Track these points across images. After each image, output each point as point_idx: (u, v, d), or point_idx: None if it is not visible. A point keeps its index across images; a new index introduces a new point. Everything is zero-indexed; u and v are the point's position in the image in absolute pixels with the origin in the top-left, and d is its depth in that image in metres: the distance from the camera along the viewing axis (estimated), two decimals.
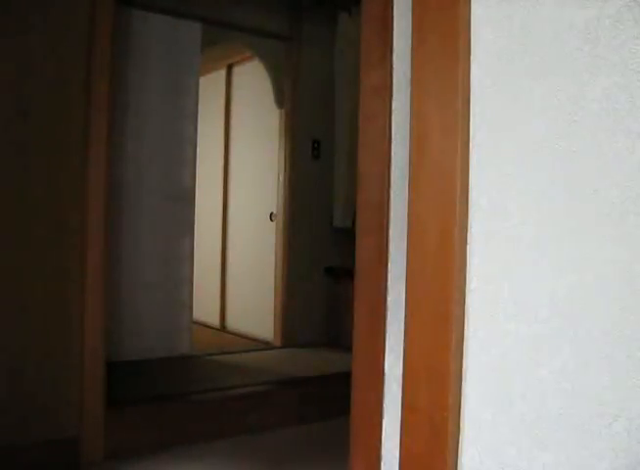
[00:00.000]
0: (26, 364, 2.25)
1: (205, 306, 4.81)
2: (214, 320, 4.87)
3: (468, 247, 1.08)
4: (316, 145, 4.24)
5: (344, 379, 1.57)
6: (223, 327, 4.82)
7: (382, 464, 1.36)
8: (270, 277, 4.24)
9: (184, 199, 3.67)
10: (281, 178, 4.17)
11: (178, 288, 3.64)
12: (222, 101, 4.91)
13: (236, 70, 4.87)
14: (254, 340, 4.32)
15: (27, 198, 2.25)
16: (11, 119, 2.22)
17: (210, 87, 4.83)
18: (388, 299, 1.37)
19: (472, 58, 1.07)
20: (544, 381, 0.97)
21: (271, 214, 4.28)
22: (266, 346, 4.12)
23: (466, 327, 1.08)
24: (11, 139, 2.22)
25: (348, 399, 1.46)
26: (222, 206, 4.90)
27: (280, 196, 4.19)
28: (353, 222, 3.93)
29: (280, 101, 4.20)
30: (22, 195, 2.24)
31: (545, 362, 0.97)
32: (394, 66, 1.35)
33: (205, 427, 2.75)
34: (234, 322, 4.75)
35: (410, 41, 1.16)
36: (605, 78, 0.89)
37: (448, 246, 1.08)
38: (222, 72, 4.92)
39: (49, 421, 2.30)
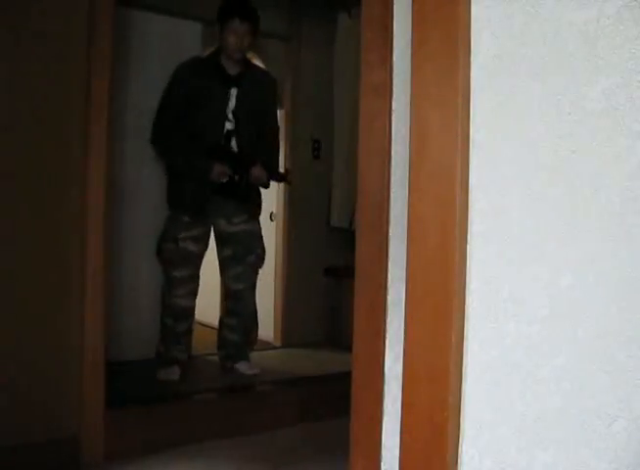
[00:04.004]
0: (26, 364, 2.25)
1: (204, 306, 4.80)
2: (214, 320, 4.87)
3: (468, 247, 1.08)
4: (316, 145, 4.23)
5: (344, 379, 1.57)
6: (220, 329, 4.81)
7: (382, 464, 1.36)
8: (270, 277, 4.23)
9: None
10: None
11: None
12: None
13: None
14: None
15: (27, 198, 2.25)
16: (10, 120, 2.22)
17: None
18: (388, 299, 1.37)
19: (472, 58, 1.07)
20: (544, 381, 0.97)
21: (271, 214, 4.27)
22: (266, 346, 4.11)
23: (466, 327, 1.08)
24: (10, 140, 2.21)
25: (348, 399, 1.46)
26: None
27: (280, 196, 4.19)
28: (351, 222, 3.93)
29: (280, 101, 4.20)
30: (22, 195, 2.24)
31: (545, 362, 0.97)
32: (394, 66, 1.35)
33: (204, 427, 2.75)
34: None
35: (410, 41, 1.16)
36: (605, 78, 0.89)
37: (448, 246, 1.08)
38: None
39: (49, 421, 2.30)
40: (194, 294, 3.23)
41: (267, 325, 4.21)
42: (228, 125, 3.13)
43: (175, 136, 3.11)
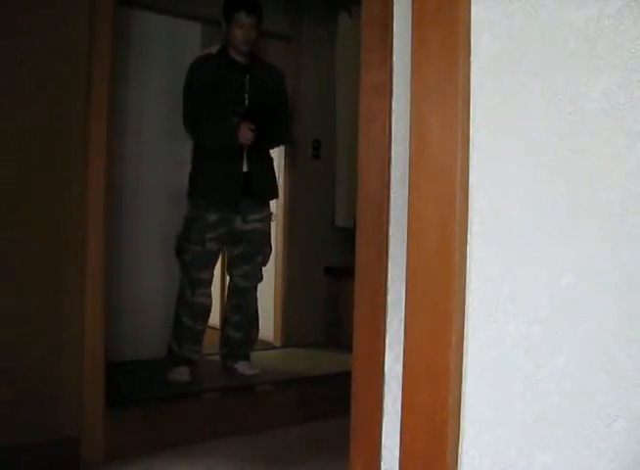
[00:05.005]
0: (26, 365, 2.25)
1: None
2: (214, 320, 4.87)
3: (468, 247, 1.08)
4: (316, 145, 4.23)
5: (344, 379, 1.57)
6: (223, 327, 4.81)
7: (382, 464, 1.36)
8: (270, 277, 4.23)
9: (184, 199, 3.66)
10: (281, 178, 4.16)
11: (178, 288, 3.63)
12: None
13: None
14: None
15: (27, 198, 2.25)
16: (10, 120, 2.22)
17: None
18: (388, 299, 1.37)
19: (472, 58, 1.07)
20: (544, 381, 0.97)
21: (271, 215, 4.27)
22: (266, 346, 4.11)
23: (466, 327, 1.08)
24: (11, 140, 2.21)
25: (348, 399, 1.46)
26: None
27: (280, 196, 4.18)
28: (355, 222, 3.92)
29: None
30: (22, 195, 2.24)
31: (545, 362, 0.97)
32: (394, 66, 1.35)
33: (204, 427, 2.75)
34: None
35: (410, 41, 1.16)
36: (605, 78, 0.89)
37: (448, 246, 1.08)
38: None
39: (49, 421, 2.30)
40: (211, 292, 3.29)
41: (267, 325, 4.22)
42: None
43: (205, 121, 3.14)
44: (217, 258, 3.30)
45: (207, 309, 3.26)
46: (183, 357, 3.18)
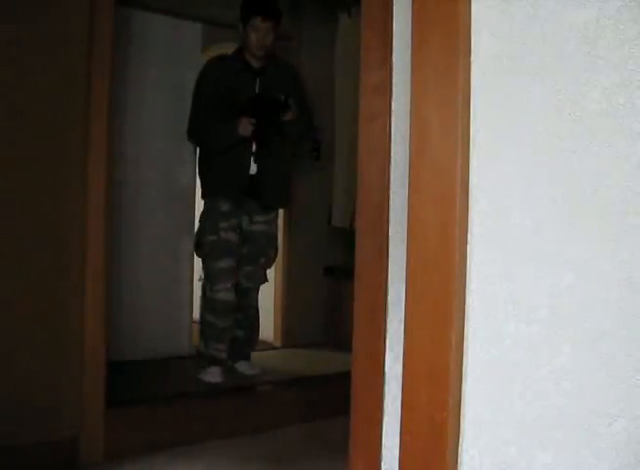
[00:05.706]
0: (26, 364, 2.25)
1: None
2: None
3: (468, 247, 1.08)
4: (316, 145, 4.23)
5: (344, 379, 1.57)
6: None
7: (382, 464, 1.36)
8: (270, 277, 4.23)
9: (184, 199, 3.66)
10: None
11: (178, 288, 3.64)
12: None
13: None
14: None
15: (27, 198, 2.25)
16: (10, 120, 2.22)
17: None
18: (388, 299, 1.37)
19: (472, 58, 1.07)
20: (544, 381, 0.97)
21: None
22: (266, 346, 4.11)
23: (466, 327, 1.08)
24: (10, 140, 2.21)
25: (348, 399, 1.46)
26: None
27: None
28: (352, 222, 3.92)
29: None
30: (22, 195, 2.24)
31: (545, 362, 0.97)
32: (394, 66, 1.35)
33: (204, 427, 2.75)
34: None
35: (410, 41, 1.17)
36: (605, 78, 0.89)
37: (448, 246, 1.08)
38: None
39: (49, 421, 2.30)
40: (234, 288, 3.22)
41: (267, 325, 4.21)
42: None
43: (209, 124, 3.15)
44: (234, 249, 3.20)
45: (229, 305, 3.18)
46: (210, 357, 3.17)
